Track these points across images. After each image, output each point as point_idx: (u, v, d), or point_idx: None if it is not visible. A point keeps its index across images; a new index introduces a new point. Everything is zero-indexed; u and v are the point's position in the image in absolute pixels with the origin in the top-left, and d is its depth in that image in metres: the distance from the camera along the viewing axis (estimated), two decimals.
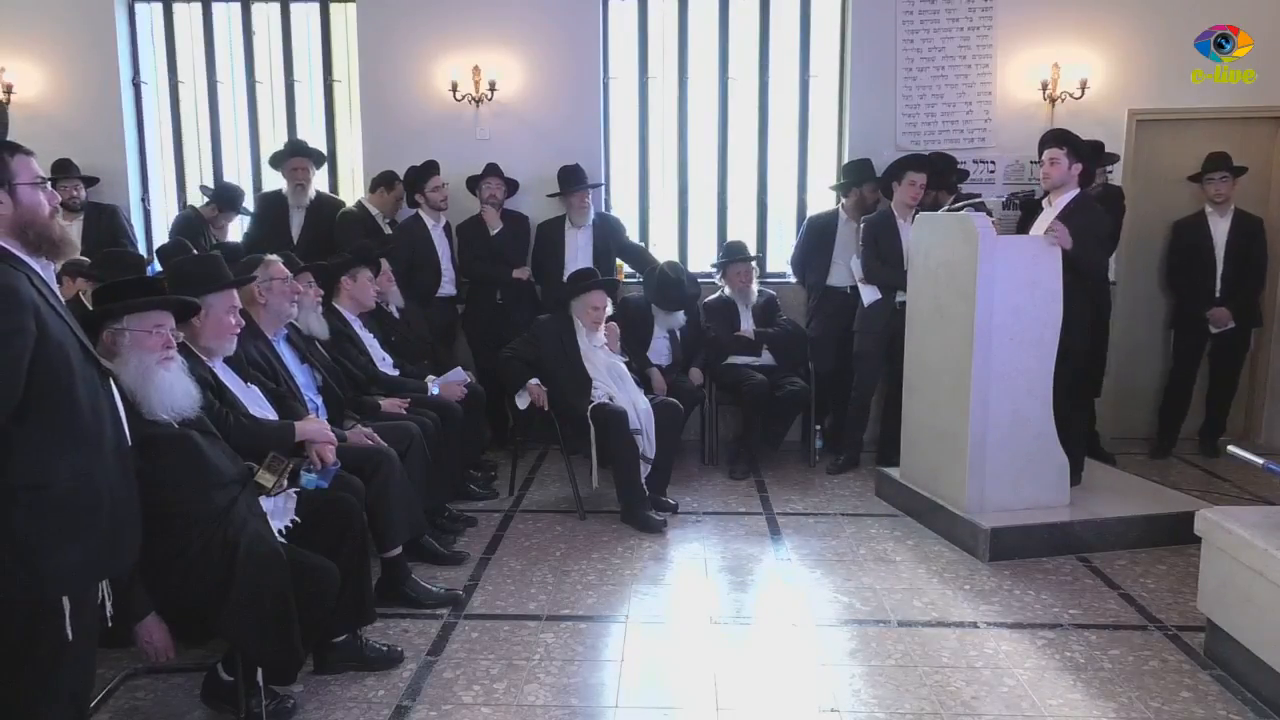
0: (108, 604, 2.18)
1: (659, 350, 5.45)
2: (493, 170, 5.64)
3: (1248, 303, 5.58)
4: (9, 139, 2.13)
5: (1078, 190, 4.46)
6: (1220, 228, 5.58)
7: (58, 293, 2.12)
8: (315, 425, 3.24)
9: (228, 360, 3.19)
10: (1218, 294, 5.55)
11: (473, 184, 5.69)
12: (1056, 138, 4.49)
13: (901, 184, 5.26)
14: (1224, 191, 5.53)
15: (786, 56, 6.08)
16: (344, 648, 3.05)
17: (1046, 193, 4.56)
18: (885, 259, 5.25)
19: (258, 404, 3.21)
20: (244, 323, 3.19)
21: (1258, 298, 5.65)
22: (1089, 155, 4.65)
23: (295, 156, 5.72)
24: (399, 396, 4.34)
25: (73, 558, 2.00)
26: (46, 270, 2.11)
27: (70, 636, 2.00)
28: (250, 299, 3.74)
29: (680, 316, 5.45)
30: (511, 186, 5.74)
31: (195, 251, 4.40)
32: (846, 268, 5.49)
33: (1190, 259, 5.66)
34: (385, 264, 5.00)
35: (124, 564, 2.19)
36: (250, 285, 3.70)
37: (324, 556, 2.77)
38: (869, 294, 5.34)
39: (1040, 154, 4.55)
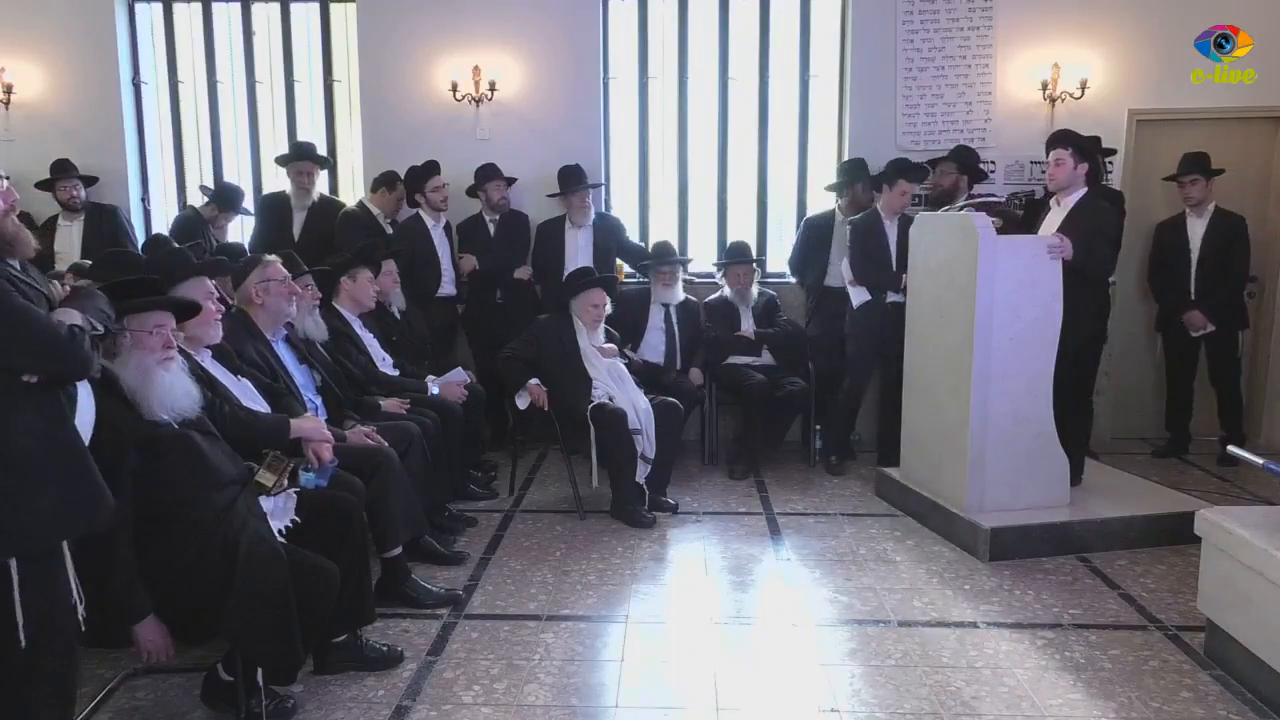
0: (80, 607, 2.09)
1: (653, 344, 5.46)
2: (493, 172, 5.63)
3: (1227, 304, 5.44)
4: None
5: (1085, 190, 4.45)
6: (1197, 229, 5.48)
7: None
8: (311, 423, 3.24)
9: (216, 356, 3.19)
10: (1193, 296, 5.47)
11: (472, 190, 5.70)
12: (1061, 138, 4.47)
13: (893, 189, 5.23)
14: (1195, 195, 5.42)
15: (786, 56, 6.08)
16: (344, 648, 3.05)
17: (1052, 194, 4.55)
18: (873, 259, 5.25)
19: (249, 396, 3.22)
20: (224, 308, 3.18)
21: (1238, 299, 5.50)
22: (1094, 154, 4.64)
23: (300, 160, 5.73)
24: (399, 396, 4.34)
25: (26, 517, 1.93)
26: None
27: (19, 609, 1.92)
28: (248, 299, 3.75)
29: (678, 292, 5.45)
30: (510, 181, 5.74)
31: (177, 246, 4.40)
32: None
33: (1168, 261, 5.60)
34: (389, 264, 5.00)
35: (82, 523, 2.07)
36: (248, 286, 3.71)
37: (324, 556, 2.77)
38: (858, 295, 5.32)
39: (1047, 155, 4.55)
